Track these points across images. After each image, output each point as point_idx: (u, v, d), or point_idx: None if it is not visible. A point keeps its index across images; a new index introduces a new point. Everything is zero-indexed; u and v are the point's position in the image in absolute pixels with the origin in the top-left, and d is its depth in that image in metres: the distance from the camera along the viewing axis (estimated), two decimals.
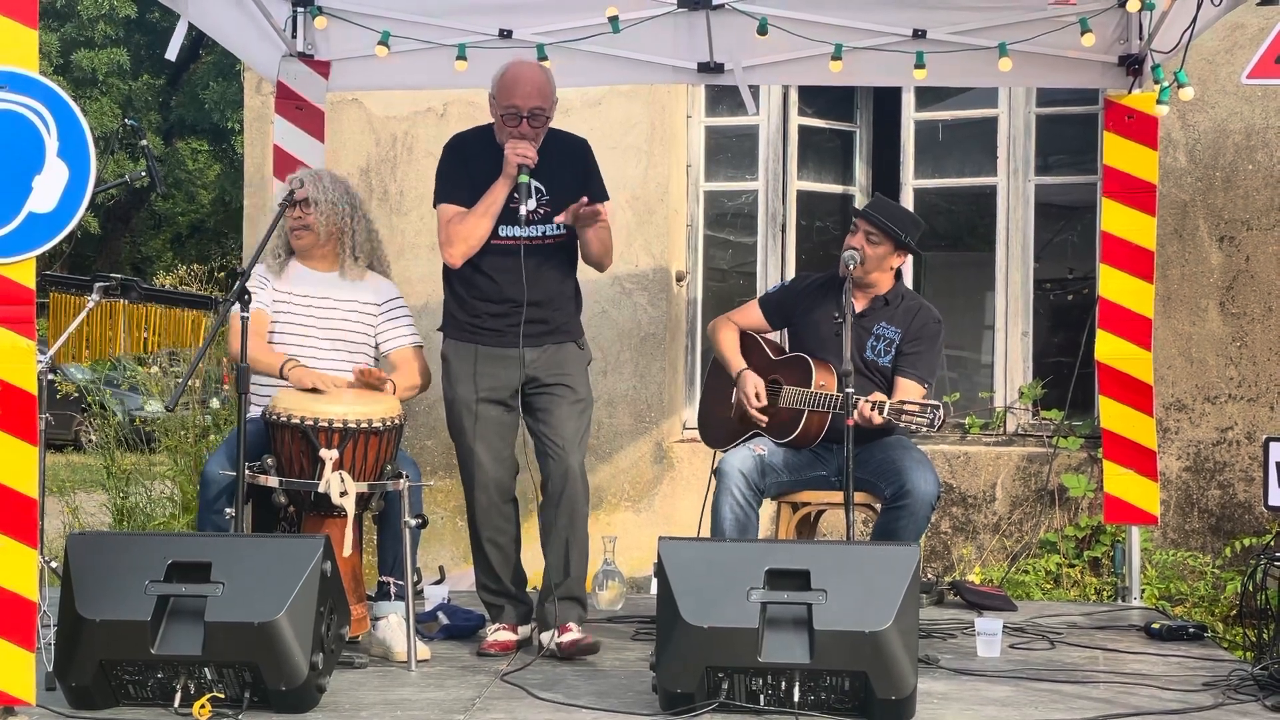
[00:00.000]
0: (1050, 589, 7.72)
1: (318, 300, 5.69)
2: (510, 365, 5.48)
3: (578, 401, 5.51)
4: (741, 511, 5.72)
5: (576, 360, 5.59)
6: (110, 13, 24.67)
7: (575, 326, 5.63)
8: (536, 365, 5.49)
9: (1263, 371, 7.79)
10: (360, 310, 5.74)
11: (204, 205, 27.97)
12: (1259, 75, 5.27)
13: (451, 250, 5.47)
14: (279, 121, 6.91)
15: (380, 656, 5.29)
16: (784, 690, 4.36)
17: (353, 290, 5.75)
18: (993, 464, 8.11)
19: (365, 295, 5.77)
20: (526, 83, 5.42)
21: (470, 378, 5.49)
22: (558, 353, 5.54)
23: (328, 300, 5.70)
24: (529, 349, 5.48)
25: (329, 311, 5.70)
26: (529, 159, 5.34)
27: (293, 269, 5.75)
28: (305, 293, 5.70)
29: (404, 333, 5.81)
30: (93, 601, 4.38)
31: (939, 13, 6.46)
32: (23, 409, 4.34)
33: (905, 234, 5.85)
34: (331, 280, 5.75)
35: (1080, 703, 4.73)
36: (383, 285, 5.83)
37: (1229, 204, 7.86)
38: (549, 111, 5.46)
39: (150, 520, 8.88)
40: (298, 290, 5.70)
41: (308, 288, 5.70)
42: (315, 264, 5.76)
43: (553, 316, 5.53)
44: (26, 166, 4.40)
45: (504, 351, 5.48)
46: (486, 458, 5.49)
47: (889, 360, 5.87)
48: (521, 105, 5.40)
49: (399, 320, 5.81)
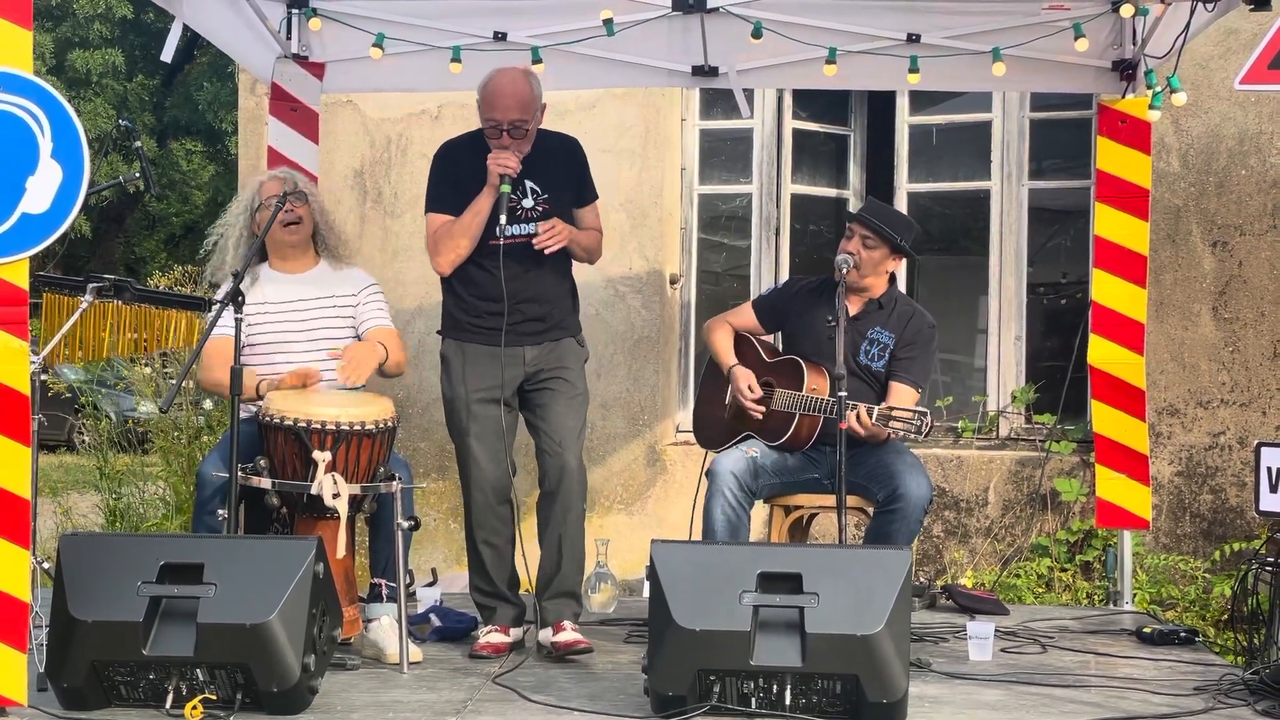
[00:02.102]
0: (1042, 593, 7.73)
1: (295, 303, 5.62)
2: (509, 364, 5.49)
3: (575, 396, 5.53)
4: (733, 513, 5.72)
5: (575, 356, 5.63)
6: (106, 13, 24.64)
7: (573, 323, 5.67)
8: (537, 362, 5.52)
9: (1255, 377, 7.80)
10: (338, 305, 5.68)
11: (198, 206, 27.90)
12: (1252, 81, 5.28)
13: (439, 260, 5.54)
14: (273, 123, 6.91)
15: (372, 658, 5.29)
16: (775, 693, 4.36)
17: (329, 285, 5.69)
18: (985, 468, 8.12)
19: (342, 288, 5.71)
20: (505, 96, 5.44)
21: (468, 377, 5.51)
22: (556, 349, 5.57)
23: (304, 301, 5.64)
24: (529, 347, 5.51)
25: (307, 312, 5.63)
26: (509, 169, 5.38)
27: (262, 275, 5.65)
28: (281, 297, 5.62)
29: (379, 315, 5.74)
30: (85, 602, 4.38)
31: (933, 17, 6.46)
32: (15, 409, 4.34)
33: (901, 237, 5.85)
34: (305, 279, 5.69)
35: (1071, 706, 4.74)
36: (357, 275, 5.80)
37: (1222, 209, 7.87)
38: (530, 121, 5.47)
39: (143, 521, 8.89)
40: (272, 297, 5.61)
41: (282, 291, 5.63)
42: (288, 265, 5.70)
43: (550, 314, 5.56)
44: (20, 167, 4.41)
45: (500, 350, 5.49)
46: (483, 457, 5.50)
47: (882, 365, 5.87)
48: (501, 119, 5.44)
49: (374, 304, 5.74)
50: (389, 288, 6.02)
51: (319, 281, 5.71)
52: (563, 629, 5.42)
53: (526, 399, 5.57)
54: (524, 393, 5.57)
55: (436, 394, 8.43)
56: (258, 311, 5.56)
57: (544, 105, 5.55)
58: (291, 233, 5.65)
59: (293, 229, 5.64)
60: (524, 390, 5.56)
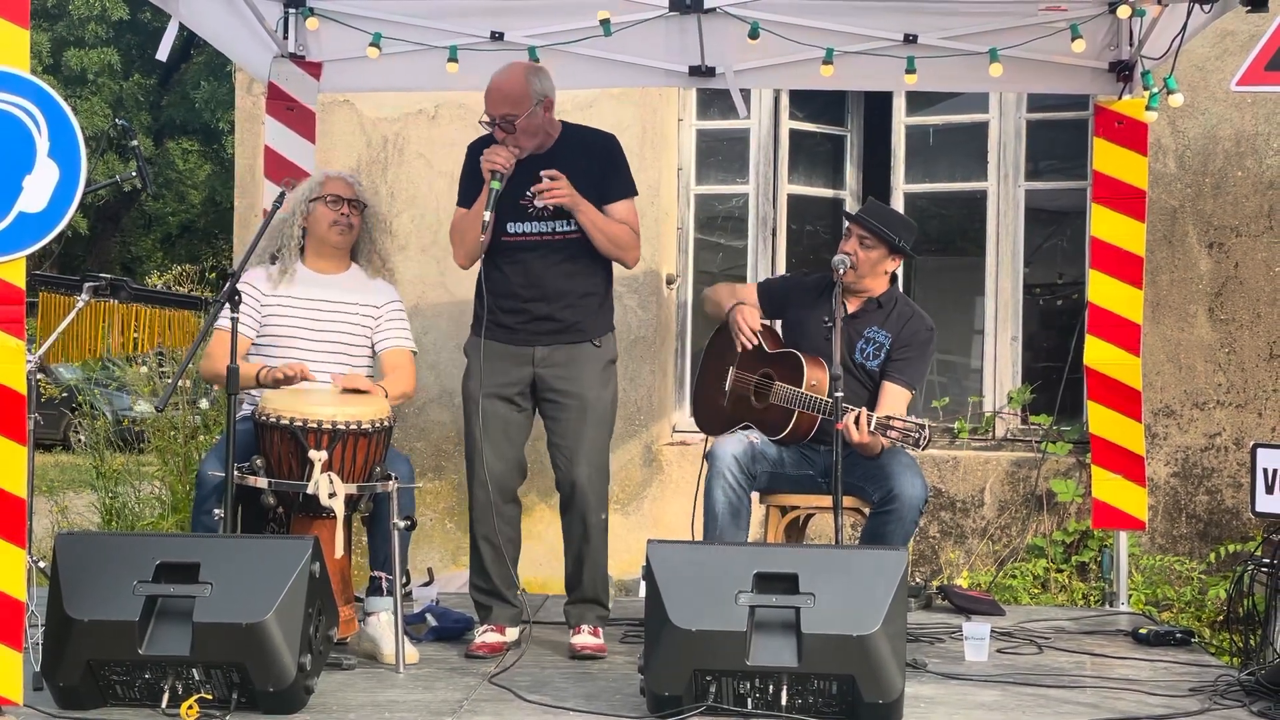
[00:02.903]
0: (1038, 593, 7.74)
1: (318, 303, 5.62)
2: (518, 362, 5.51)
3: (585, 407, 5.49)
4: (734, 495, 5.71)
5: (591, 361, 5.56)
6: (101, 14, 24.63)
7: (591, 325, 5.59)
8: (546, 364, 5.52)
9: (1251, 378, 7.81)
10: (361, 313, 5.68)
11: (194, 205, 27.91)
12: (1249, 82, 5.28)
13: (454, 254, 5.65)
14: (270, 122, 6.90)
15: (368, 658, 5.29)
16: (772, 693, 4.37)
17: (358, 293, 5.69)
18: (981, 468, 8.12)
19: (370, 298, 5.70)
20: (494, 91, 5.47)
21: (480, 373, 5.53)
22: (569, 353, 5.54)
23: (328, 303, 5.63)
24: (539, 347, 5.51)
25: (329, 315, 5.63)
26: (497, 165, 5.38)
27: (299, 273, 5.65)
28: (307, 295, 5.62)
29: (400, 335, 5.75)
30: (81, 602, 4.37)
31: (930, 18, 6.46)
32: (11, 409, 4.34)
33: (899, 238, 5.86)
34: (336, 281, 5.69)
35: (1067, 707, 4.74)
36: (387, 288, 5.80)
37: (1218, 210, 7.87)
38: (521, 116, 5.44)
39: (139, 520, 8.88)
40: (299, 292, 5.62)
41: (310, 290, 5.63)
42: (324, 265, 5.70)
43: (561, 315, 5.53)
44: (17, 166, 4.41)
45: (512, 349, 5.52)
46: (489, 453, 5.50)
47: (877, 364, 5.87)
48: (492, 113, 5.46)
49: (397, 322, 5.75)
50: None
51: (347, 286, 5.71)
52: (580, 632, 5.52)
53: (541, 408, 5.59)
54: (539, 401, 5.57)
55: (433, 393, 8.50)
56: (279, 304, 5.58)
57: (545, 100, 5.51)
58: (340, 233, 5.65)
59: (341, 231, 5.65)
60: (539, 397, 5.56)
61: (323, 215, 5.63)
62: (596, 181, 5.53)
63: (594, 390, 5.54)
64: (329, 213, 5.63)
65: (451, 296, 8.19)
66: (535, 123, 5.49)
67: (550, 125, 5.58)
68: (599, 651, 5.46)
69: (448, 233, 5.74)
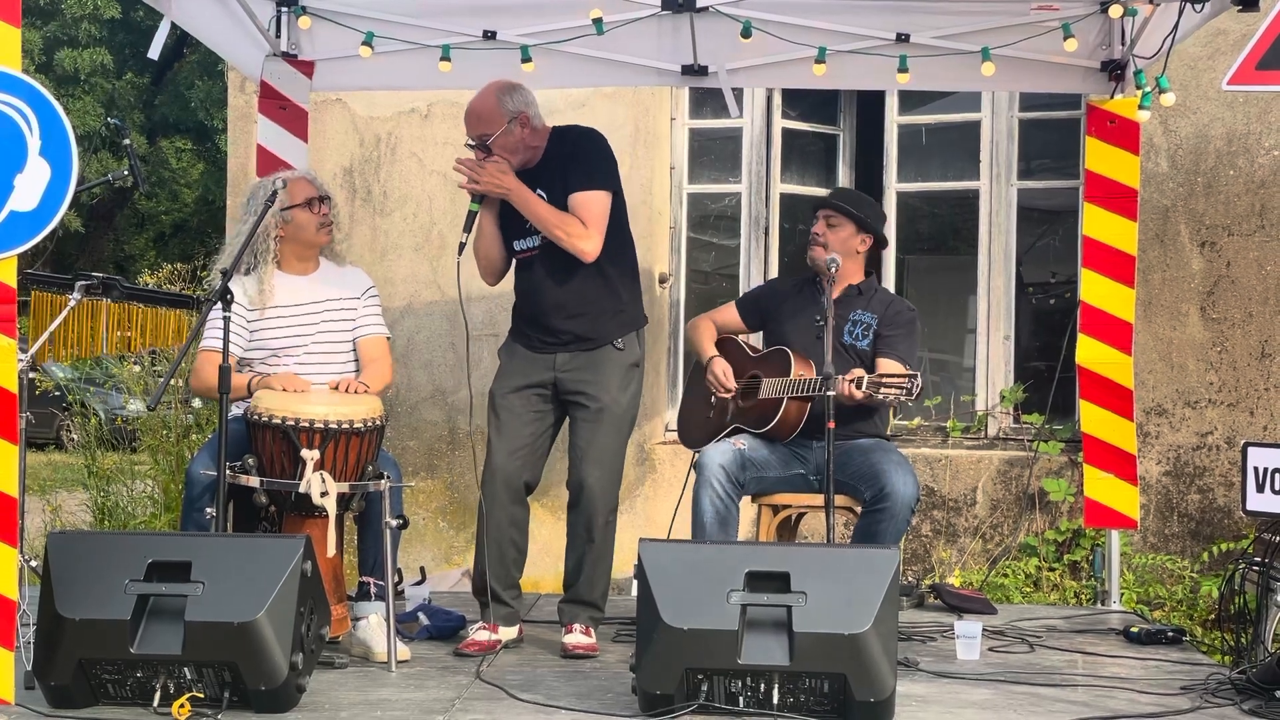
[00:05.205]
0: (1030, 592, 7.75)
1: (304, 306, 5.63)
2: (540, 368, 5.58)
3: (599, 411, 5.52)
4: (722, 504, 5.73)
5: (611, 364, 5.58)
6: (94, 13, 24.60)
7: (606, 329, 5.59)
8: (566, 369, 5.57)
9: (1242, 377, 7.82)
10: (344, 306, 5.71)
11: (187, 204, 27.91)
12: (1240, 81, 5.29)
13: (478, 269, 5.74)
14: (262, 121, 6.90)
15: (360, 657, 5.29)
16: (763, 692, 4.37)
17: (336, 286, 5.71)
18: (973, 467, 8.13)
19: (346, 290, 5.73)
20: (469, 113, 5.56)
21: (506, 374, 5.64)
22: (589, 358, 5.57)
23: (316, 303, 5.65)
24: (560, 353, 5.57)
25: (314, 316, 5.64)
26: (473, 186, 5.46)
27: (277, 282, 5.64)
28: (294, 302, 5.62)
29: (376, 323, 5.79)
30: (72, 600, 4.37)
31: (922, 17, 6.47)
32: (3, 408, 4.34)
33: (862, 213, 5.91)
34: (310, 281, 5.70)
35: (1059, 706, 4.74)
36: (358, 276, 5.84)
37: (1210, 209, 7.89)
38: (493, 135, 5.48)
39: (131, 519, 8.87)
40: (282, 300, 5.61)
41: (294, 296, 5.63)
42: (299, 266, 5.70)
43: (570, 325, 5.56)
44: (8, 164, 4.41)
45: (535, 356, 5.60)
46: (499, 448, 5.54)
47: (867, 344, 5.89)
48: (469, 135, 5.55)
49: (373, 310, 5.80)
50: (378, 286, 6.02)
51: (326, 282, 5.73)
52: (572, 631, 5.53)
53: (566, 411, 5.63)
54: (563, 402, 5.60)
55: (425, 393, 8.50)
56: (272, 316, 5.59)
57: (520, 116, 5.50)
58: (327, 233, 5.70)
59: (326, 230, 5.69)
60: (561, 399, 5.60)
61: (307, 221, 5.63)
62: (563, 175, 5.56)
63: (612, 393, 5.56)
64: (313, 217, 5.65)
65: (443, 296, 8.19)
66: (512, 140, 5.50)
67: (533, 139, 5.57)
68: (591, 651, 5.47)
69: (440, 232, 5.76)
